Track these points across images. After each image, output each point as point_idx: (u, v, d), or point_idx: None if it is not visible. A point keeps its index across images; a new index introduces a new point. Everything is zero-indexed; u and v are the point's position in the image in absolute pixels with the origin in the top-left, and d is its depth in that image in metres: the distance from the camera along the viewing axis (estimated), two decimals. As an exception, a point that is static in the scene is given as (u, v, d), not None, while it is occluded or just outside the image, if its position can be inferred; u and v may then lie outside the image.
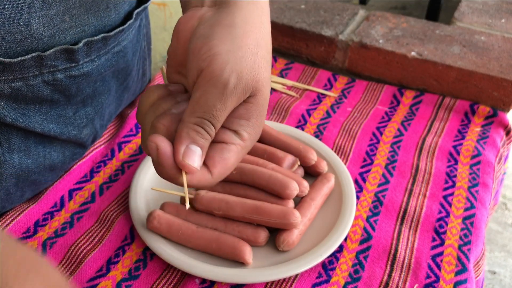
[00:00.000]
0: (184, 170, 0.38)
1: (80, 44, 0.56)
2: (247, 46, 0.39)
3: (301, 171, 0.65)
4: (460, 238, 0.61)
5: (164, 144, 0.38)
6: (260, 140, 0.68)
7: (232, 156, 0.39)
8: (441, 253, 0.59)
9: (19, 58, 0.52)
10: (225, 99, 0.37)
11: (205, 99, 0.38)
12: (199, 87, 0.38)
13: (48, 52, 0.54)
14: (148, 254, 0.58)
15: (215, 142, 0.40)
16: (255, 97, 0.40)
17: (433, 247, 0.59)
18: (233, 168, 0.40)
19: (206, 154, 0.39)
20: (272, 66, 0.89)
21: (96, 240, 0.60)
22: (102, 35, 0.58)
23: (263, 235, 0.56)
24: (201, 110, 0.38)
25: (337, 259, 0.58)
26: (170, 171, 0.39)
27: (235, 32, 0.39)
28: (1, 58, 0.51)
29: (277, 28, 0.91)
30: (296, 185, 0.58)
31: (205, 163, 0.39)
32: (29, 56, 0.52)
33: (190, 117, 0.38)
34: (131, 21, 0.63)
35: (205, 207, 0.58)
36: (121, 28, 0.61)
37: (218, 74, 0.37)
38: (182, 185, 0.39)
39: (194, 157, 0.37)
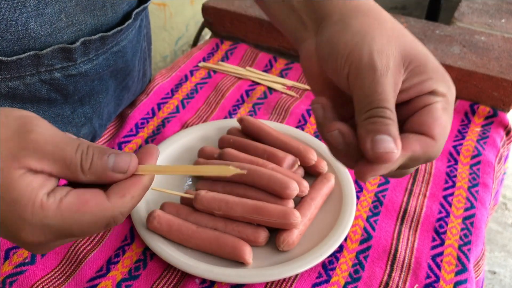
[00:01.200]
0: (384, 162, 0.34)
1: (78, 43, 0.56)
2: (370, 27, 0.37)
3: (301, 171, 0.65)
4: (460, 238, 0.61)
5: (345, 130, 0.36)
6: (260, 140, 0.68)
7: (442, 114, 0.36)
8: (441, 253, 0.59)
9: (16, 57, 0.52)
10: (382, 81, 0.35)
11: (363, 93, 0.35)
12: (353, 87, 0.36)
13: (45, 51, 0.54)
14: (148, 254, 0.58)
15: (418, 110, 0.37)
16: (416, 57, 0.37)
17: (433, 247, 0.60)
18: (449, 128, 0.37)
19: (416, 122, 0.36)
20: (272, 66, 0.89)
21: (96, 240, 0.60)
22: (100, 34, 0.58)
23: (263, 235, 0.56)
24: (365, 105, 0.35)
25: (337, 259, 0.58)
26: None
27: (352, 28, 0.38)
28: None
29: (277, 28, 0.91)
30: (296, 185, 0.58)
31: (420, 132, 0.36)
32: (26, 54, 0.52)
33: (360, 115, 0.35)
34: (130, 21, 0.63)
35: (205, 207, 0.58)
36: (119, 28, 0.61)
37: (359, 64, 0.36)
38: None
39: (385, 144, 0.33)
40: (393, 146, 0.33)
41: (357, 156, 0.36)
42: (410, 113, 0.37)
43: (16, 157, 0.32)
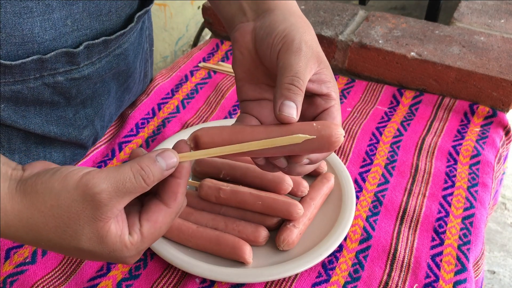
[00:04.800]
0: (283, 121, 0.43)
1: (81, 47, 0.56)
2: (303, 26, 0.48)
3: (301, 171, 0.66)
4: (460, 238, 0.61)
5: None
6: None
7: (337, 114, 0.47)
8: (440, 253, 0.59)
9: (20, 61, 0.52)
10: (303, 60, 0.45)
11: (288, 63, 0.45)
12: (281, 59, 0.46)
13: (48, 55, 0.54)
14: (148, 254, 0.58)
15: (320, 112, 0.47)
16: (324, 63, 0.47)
17: (433, 247, 0.60)
18: (340, 121, 0.48)
19: (320, 120, 0.46)
20: (272, 66, 0.89)
21: (96, 240, 0.60)
22: (103, 38, 0.58)
23: (263, 234, 0.57)
24: (287, 72, 0.44)
25: (337, 259, 0.58)
26: None
27: (290, 21, 0.48)
28: (2, 61, 0.51)
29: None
30: (290, 180, 0.59)
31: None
32: (30, 58, 0.53)
33: (280, 80, 0.44)
34: (132, 24, 0.63)
35: (210, 193, 0.59)
36: (122, 31, 0.61)
37: (291, 44, 0.46)
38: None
39: (289, 110, 0.43)
40: (294, 113, 0.43)
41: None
42: (314, 114, 0.48)
43: (97, 219, 0.39)
